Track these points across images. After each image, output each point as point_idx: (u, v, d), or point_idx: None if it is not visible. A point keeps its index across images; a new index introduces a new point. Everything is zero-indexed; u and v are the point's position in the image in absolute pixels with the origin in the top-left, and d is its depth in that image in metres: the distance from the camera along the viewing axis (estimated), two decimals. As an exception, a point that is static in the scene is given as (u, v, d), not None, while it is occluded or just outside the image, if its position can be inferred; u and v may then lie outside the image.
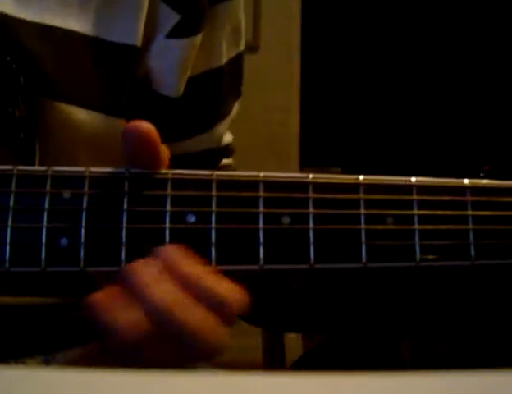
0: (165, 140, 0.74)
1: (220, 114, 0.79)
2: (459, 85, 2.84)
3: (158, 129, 0.74)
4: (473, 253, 0.51)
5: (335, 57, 2.87)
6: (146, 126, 0.51)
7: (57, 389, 0.31)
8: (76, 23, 0.66)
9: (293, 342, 2.02)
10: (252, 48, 2.55)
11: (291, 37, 2.69)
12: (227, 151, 0.82)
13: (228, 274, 0.50)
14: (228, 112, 0.80)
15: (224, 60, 0.78)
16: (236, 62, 0.80)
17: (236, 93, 0.82)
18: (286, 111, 2.67)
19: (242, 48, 0.81)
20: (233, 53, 0.79)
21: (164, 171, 0.52)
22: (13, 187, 0.51)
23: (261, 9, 2.61)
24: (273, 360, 1.43)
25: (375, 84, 2.86)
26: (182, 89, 0.73)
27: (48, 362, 0.64)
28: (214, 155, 0.80)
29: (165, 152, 0.53)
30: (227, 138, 0.82)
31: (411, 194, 0.52)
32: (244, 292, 0.50)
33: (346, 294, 1.29)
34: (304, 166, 2.63)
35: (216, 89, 0.78)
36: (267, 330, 1.39)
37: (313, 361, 1.35)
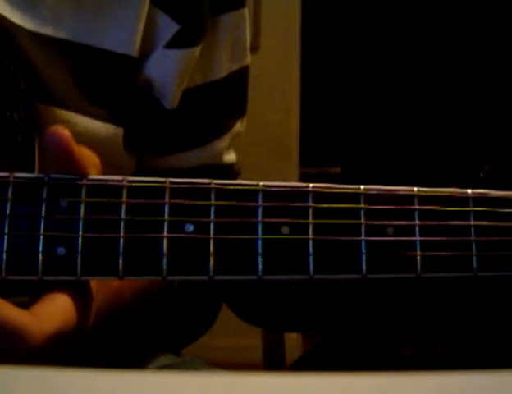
0: (160, 152, 0.73)
1: (218, 129, 0.76)
2: (459, 85, 2.83)
3: (154, 139, 0.73)
4: (475, 264, 0.51)
5: (335, 57, 2.86)
6: (61, 130, 0.50)
7: (58, 389, 0.30)
8: (69, 32, 0.65)
9: (293, 342, 2.02)
10: (252, 48, 2.55)
11: (291, 37, 2.68)
12: (230, 171, 0.79)
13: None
14: (228, 129, 0.77)
15: (224, 73, 0.75)
16: (239, 77, 0.77)
17: (239, 111, 0.79)
18: (286, 111, 2.67)
19: (247, 62, 0.78)
20: (235, 67, 0.77)
21: (162, 179, 0.51)
22: (9, 195, 0.50)
23: (261, 9, 2.60)
24: (273, 360, 1.42)
25: (375, 84, 2.86)
26: (177, 101, 0.71)
27: None
28: (212, 172, 0.76)
29: (89, 157, 0.52)
30: (230, 157, 0.79)
31: (412, 204, 0.51)
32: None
33: (346, 294, 1.29)
34: (304, 165, 2.63)
35: (213, 102, 0.75)
36: (267, 330, 1.39)
37: (313, 361, 1.35)
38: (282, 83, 2.66)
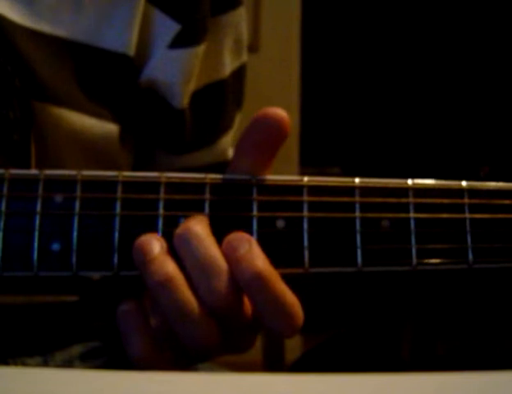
0: (169, 153, 0.74)
1: (223, 127, 0.78)
2: (459, 85, 2.83)
3: (162, 140, 0.73)
4: (470, 256, 0.51)
5: (335, 57, 2.87)
6: (282, 113, 0.50)
7: (58, 389, 0.30)
8: (66, 30, 0.65)
9: (293, 342, 2.01)
10: (252, 48, 2.56)
11: (291, 37, 2.69)
12: None
13: None
14: (231, 125, 0.78)
15: (228, 72, 0.76)
16: (240, 73, 0.79)
17: (239, 105, 0.81)
18: (286, 111, 2.66)
19: (245, 58, 0.79)
20: (236, 64, 0.78)
21: (157, 174, 0.51)
22: (5, 191, 0.50)
23: (261, 9, 2.61)
24: (273, 360, 1.42)
25: (375, 83, 2.86)
26: (187, 100, 0.72)
27: (46, 361, 0.64)
28: (219, 170, 0.77)
29: None
30: (232, 153, 0.79)
31: (407, 196, 0.51)
32: None
33: (346, 294, 1.29)
34: (304, 165, 2.63)
35: (220, 101, 0.76)
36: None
37: (313, 361, 1.34)
38: (282, 83, 2.67)
